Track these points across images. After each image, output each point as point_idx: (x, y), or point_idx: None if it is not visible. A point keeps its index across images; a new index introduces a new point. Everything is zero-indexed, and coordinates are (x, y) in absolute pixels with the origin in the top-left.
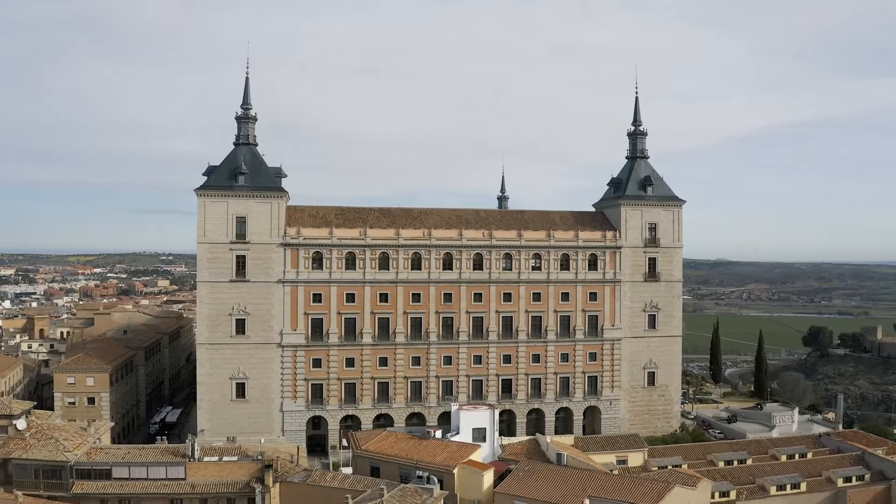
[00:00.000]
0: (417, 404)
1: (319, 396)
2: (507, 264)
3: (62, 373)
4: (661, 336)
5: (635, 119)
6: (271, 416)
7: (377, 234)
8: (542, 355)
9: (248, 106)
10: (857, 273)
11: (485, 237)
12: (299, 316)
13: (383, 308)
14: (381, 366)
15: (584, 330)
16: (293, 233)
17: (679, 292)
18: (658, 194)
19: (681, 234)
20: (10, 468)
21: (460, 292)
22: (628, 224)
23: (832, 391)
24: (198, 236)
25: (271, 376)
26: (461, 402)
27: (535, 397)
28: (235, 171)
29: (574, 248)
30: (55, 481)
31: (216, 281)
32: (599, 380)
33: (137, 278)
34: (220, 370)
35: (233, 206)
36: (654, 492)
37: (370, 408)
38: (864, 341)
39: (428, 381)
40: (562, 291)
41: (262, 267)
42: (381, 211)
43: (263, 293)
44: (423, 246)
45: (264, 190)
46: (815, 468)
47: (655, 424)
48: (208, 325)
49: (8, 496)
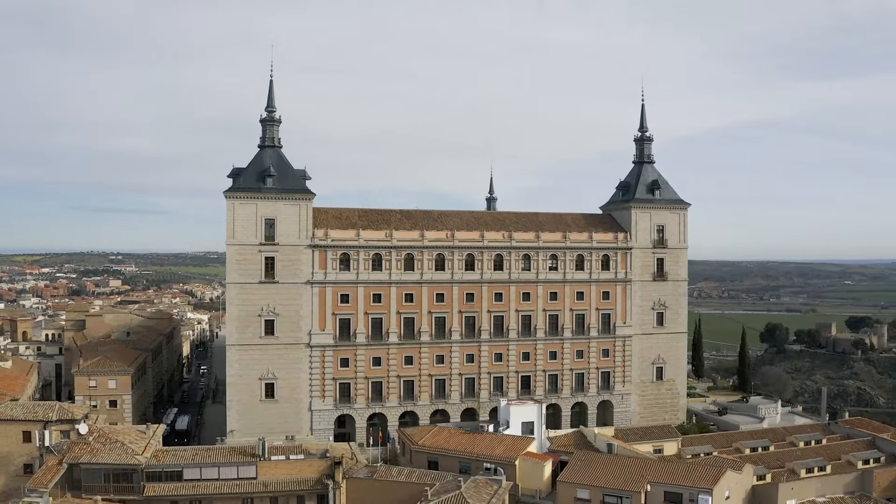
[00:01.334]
0: (441, 401)
1: (347, 395)
2: (526, 265)
3: (83, 375)
4: (669, 333)
5: (641, 125)
6: (300, 416)
7: (402, 236)
8: (558, 352)
9: (273, 109)
10: (802, 271)
11: (505, 239)
12: (327, 316)
13: (409, 308)
14: (407, 364)
15: (597, 327)
16: (321, 234)
17: (685, 291)
18: (665, 198)
19: (686, 236)
20: (78, 473)
21: (482, 292)
22: (638, 226)
23: (792, 386)
24: (227, 238)
25: (300, 376)
26: (510, 398)
27: (552, 392)
28: (263, 174)
29: (588, 250)
30: (126, 485)
31: (245, 282)
32: (612, 375)
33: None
34: (249, 371)
35: (262, 208)
36: (710, 475)
37: (396, 405)
38: (819, 337)
39: (451, 378)
40: (577, 291)
41: (291, 268)
42: (402, 213)
43: (292, 294)
44: (446, 247)
45: (293, 192)
46: (834, 452)
47: (663, 417)
48: (238, 327)
49: (83, 501)
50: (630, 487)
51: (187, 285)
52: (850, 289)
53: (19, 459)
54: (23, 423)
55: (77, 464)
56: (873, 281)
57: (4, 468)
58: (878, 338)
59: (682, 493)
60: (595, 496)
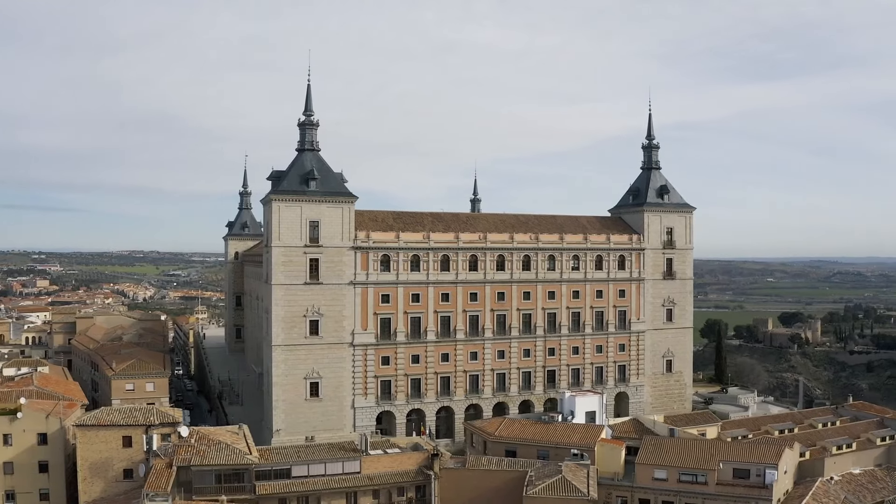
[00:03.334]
0: (475, 396)
1: (388, 392)
2: (551, 265)
3: (120, 379)
4: (677, 328)
5: (649, 133)
6: (343, 413)
7: (438, 238)
8: (580, 348)
9: (311, 112)
10: (726, 269)
11: (532, 240)
12: (369, 316)
13: (445, 307)
14: (443, 361)
15: (615, 324)
16: (363, 236)
17: (690, 288)
18: (673, 202)
19: (692, 237)
20: (186, 475)
21: (511, 291)
22: (650, 228)
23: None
24: (273, 240)
25: (343, 375)
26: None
27: (574, 386)
28: (307, 177)
29: (606, 250)
30: (237, 484)
31: (291, 284)
32: (627, 368)
33: (13, 278)
34: (294, 371)
35: (306, 211)
36: (773, 452)
37: (434, 401)
38: (757, 332)
39: (483, 374)
40: (596, 289)
41: (335, 269)
42: (434, 215)
43: (336, 295)
44: (479, 249)
45: (336, 195)
46: (853, 432)
47: (672, 406)
48: (283, 327)
49: (203, 501)
50: (704, 466)
51: (117, 285)
52: (773, 286)
53: (119, 465)
54: (123, 429)
55: (187, 466)
56: (795, 278)
57: (103, 474)
58: (812, 332)
59: (750, 469)
60: (672, 475)
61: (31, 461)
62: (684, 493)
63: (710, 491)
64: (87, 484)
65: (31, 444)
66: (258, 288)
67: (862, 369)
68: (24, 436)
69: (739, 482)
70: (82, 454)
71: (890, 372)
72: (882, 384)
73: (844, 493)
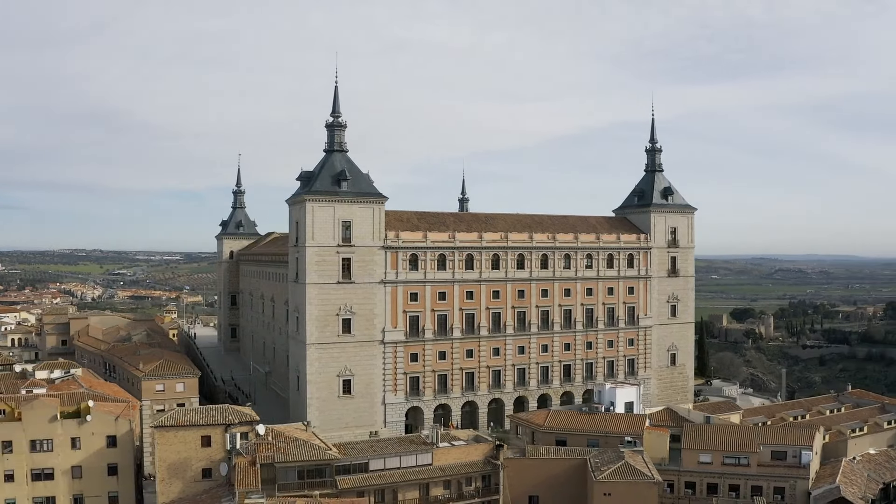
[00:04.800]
0: (497, 391)
1: (416, 388)
2: (566, 263)
3: (151, 379)
4: (680, 323)
5: (652, 138)
6: (374, 410)
7: (463, 238)
8: (593, 343)
9: (338, 114)
10: None
11: (549, 240)
12: (398, 314)
13: (469, 305)
14: (468, 357)
15: (624, 319)
16: (392, 236)
17: (692, 285)
18: (676, 203)
19: (693, 237)
20: (268, 472)
21: (531, 289)
22: (656, 228)
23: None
24: (306, 239)
25: (374, 372)
26: (613, 381)
27: (588, 379)
28: (338, 177)
29: (617, 249)
30: (319, 480)
31: (324, 283)
32: (636, 362)
33: None
34: (328, 368)
35: (339, 211)
36: (807, 435)
37: (459, 396)
38: (713, 328)
39: (505, 369)
40: (608, 287)
41: (366, 269)
42: (455, 216)
43: (367, 293)
44: (501, 248)
45: (368, 195)
46: (861, 417)
47: (676, 398)
48: (317, 326)
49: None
50: (746, 449)
51: (63, 284)
52: (717, 283)
53: (197, 465)
54: (202, 428)
55: (271, 463)
56: (738, 275)
57: (182, 474)
58: (765, 328)
59: (787, 451)
60: (716, 459)
61: (100, 464)
62: (728, 475)
63: (752, 472)
64: (166, 485)
65: (99, 446)
66: (271, 287)
67: (815, 363)
68: (92, 439)
69: (778, 463)
70: (161, 455)
71: (842, 365)
72: (834, 377)
73: (867, 472)
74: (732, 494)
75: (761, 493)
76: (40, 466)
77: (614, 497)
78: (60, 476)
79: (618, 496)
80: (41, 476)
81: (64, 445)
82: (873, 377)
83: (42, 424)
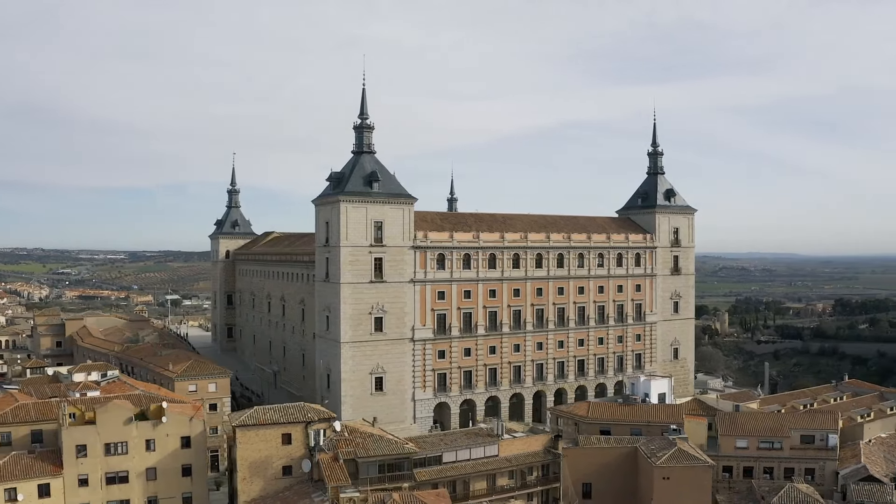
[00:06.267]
0: (518, 386)
1: (443, 385)
2: (580, 262)
3: (183, 380)
4: (682, 318)
5: (654, 142)
6: (404, 406)
7: (487, 238)
8: (604, 338)
9: (366, 116)
10: None
11: (564, 240)
12: (427, 312)
13: (492, 303)
14: (491, 354)
15: (633, 315)
16: (421, 236)
17: (692, 283)
18: (678, 204)
19: (693, 236)
20: (349, 467)
21: (548, 287)
22: (660, 228)
23: None
24: (340, 239)
25: (404, 369)
26: (650, 374)
27: (600, 373)
28: (370, 179)
29: (626, 249)
30: (398, 473)
31: (357, 282)
32: (643, 356)
33: None
34: (361, 366)
35: (371, 212)
36: (832, 420)
37: (483, 392)
38: None
39: (525, 365)
40: (617, 284)
41: (397, 268)
42: (474, 216)
43: (398, 292)
44: (520, 248)
45: (399, 196)
46: (865, 404)
47: (678, 390)
48: (351, 325)
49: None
50: (779, 434)
51: (7, 284)
52: None
53: (278, 462)
54: (283, 426)
55: (353, 458)
56: None
57: (262, 472)
58: (720, 323)
59: (814, 434)
60: (752, 444)
61: (174, 465)
62: (763, 458)
63: (784, 455)
64: (247, 483)
65: (174, 448)
66: (281, 287)
67: (769, 357)
68: (167, 440)
69: (808, 446)
70: (242, 454)
71: (795, 360)
72: (789, 371)
73: (882, 453)
74: (766, 476)
75: (793, 474)
76: (115, 469)
77: (672, 480)
78: (135, 479)
79: (676, 480)
80: (116, 479)
81: (139, 448)
82: (827, 371)
83: (117, 427)
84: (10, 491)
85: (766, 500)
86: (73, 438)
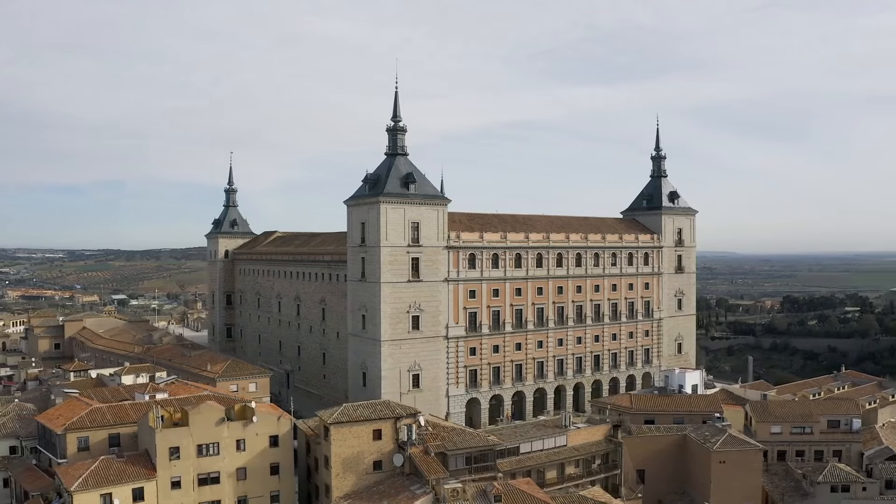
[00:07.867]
0: (541, 381)
1: (474, 381)
2: (596, 261)
3: (225, 381)
4: (685, 315)
5: (657, 146)
6: (439, 402)
7: (513, 238)
8: (617, 334)
9: (399, 118)
10: None
11: (582, 240)
12: (459, 310)
13: (518, 301)
14: (517, 350)
15: (642, 312)
16: (454, 236)
17: (694, 281)
18: (681, 206)
19: (695, 236)
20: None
21: (568, 286)
22: (665, 229)
23: None
24: (380, 240)
25: (439, 366)
26: (681, 367)
27: (613, 368)
28: (406, 180)
29: (635, 248)
30: (483, 464)
31: (396, 282)
32: (651, 351)
33: None
34: (399, 364)
35: (408, 213)
36: (854, 406)
37: (510, 387)
38: None
39: (547, 360)
40: (628, 283)
41: (432, 268)
42: (497, 217)
43: (433, 291)
44: (543, 247)
45: (434, 197)
46: (866, 392)
47: None
48: (390, 323)
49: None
50: (810, 420)
51: None
52: None
53: (369, 458)
54: (374, 423)
55: (444, 451)
56: None
57: (355, 468)
58: None
59: (840, 419)
60: (785, 429)
61: (263, 465)
62: (795, 442)
63: (815, 439)
64: (340, 479)
65: (263, 447)
66: (294, 286)
67: (723, 353)
68: (257, 440)
69: (834, 430)
70: (336, 451)
71: (749, 355)
72: (742, 366)
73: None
74: (798, 459)
75: (822, 457)
76: (207, 470)
77: (728, 464)
78: (226, 479)
79: (731, 463)
80: (207, 480)
81: (230, 448)
82: (780, 365)
83: (209, 428)
84: (106, 497)
85: (810, 478)
86: (167, 441)
